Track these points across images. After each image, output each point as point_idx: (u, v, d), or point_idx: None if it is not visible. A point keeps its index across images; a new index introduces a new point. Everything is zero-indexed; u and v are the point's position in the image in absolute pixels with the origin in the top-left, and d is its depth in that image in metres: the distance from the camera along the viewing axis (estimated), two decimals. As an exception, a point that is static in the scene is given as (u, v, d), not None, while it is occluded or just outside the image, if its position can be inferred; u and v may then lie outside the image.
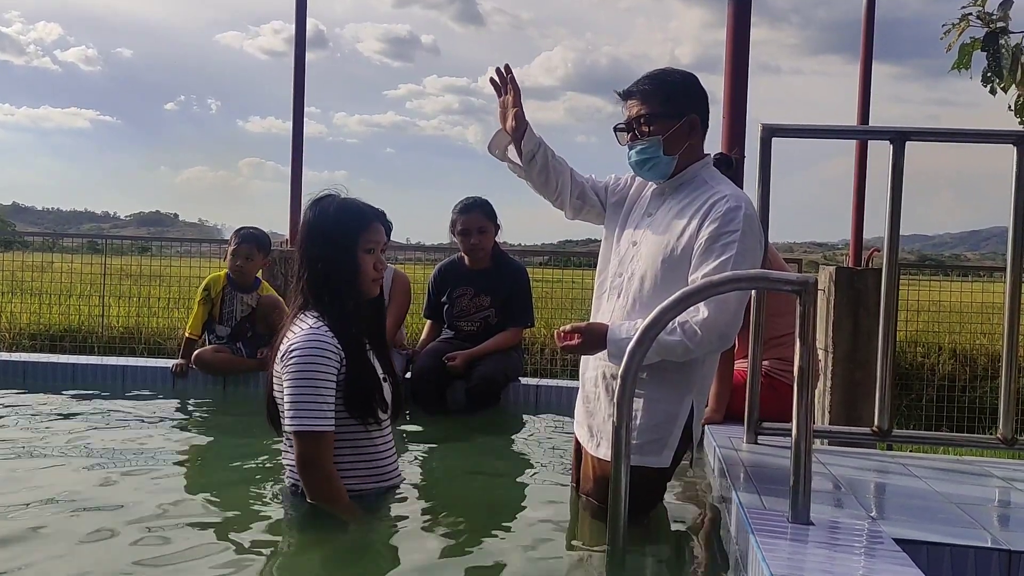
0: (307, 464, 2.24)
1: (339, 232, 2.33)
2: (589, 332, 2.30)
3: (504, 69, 2.58)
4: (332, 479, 2.26)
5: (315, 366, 2.22)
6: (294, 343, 2.25)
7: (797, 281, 1.96)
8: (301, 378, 2.21)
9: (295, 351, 2.23)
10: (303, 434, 2.21)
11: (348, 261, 2.33)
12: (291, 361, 2.23)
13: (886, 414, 2.81)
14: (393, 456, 2.48)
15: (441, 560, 2.13)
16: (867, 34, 5.83)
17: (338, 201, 2.38)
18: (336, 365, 2.26)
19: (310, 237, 2.35)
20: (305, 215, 2.39)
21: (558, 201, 2.66)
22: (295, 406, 2.21)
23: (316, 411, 2.21)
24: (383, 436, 2.43)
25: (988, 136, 2.86)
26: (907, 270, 8.56)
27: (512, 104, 2.54)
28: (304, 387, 2.21)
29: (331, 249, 2.32)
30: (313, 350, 2.22)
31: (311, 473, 2.24)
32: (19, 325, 7.29)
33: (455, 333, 4.33)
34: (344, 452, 2.32)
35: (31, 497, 2.48)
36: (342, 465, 2.31)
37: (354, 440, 2.34)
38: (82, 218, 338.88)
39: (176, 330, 6.89)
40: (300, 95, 6.05)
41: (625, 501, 2.02)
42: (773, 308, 3.03)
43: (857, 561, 1.72)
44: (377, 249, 2.38)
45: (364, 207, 2.40)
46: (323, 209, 2.36)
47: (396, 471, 2.48)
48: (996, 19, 5.44)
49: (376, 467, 2.39)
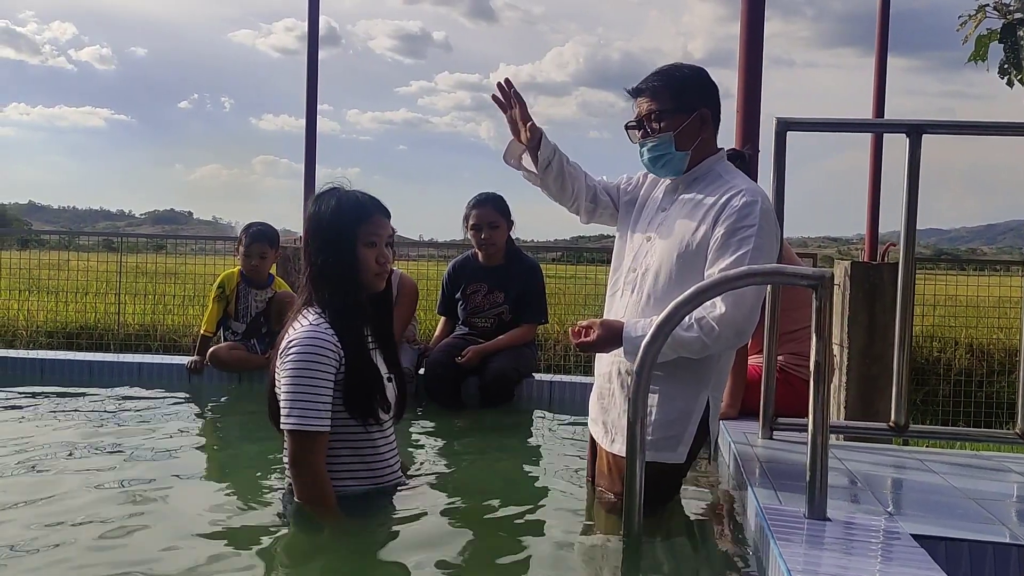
0: (297, 463, 2.20)
1: (338, 226, 2.29)
2: (604, 329, 2.29)
3: (505, 83, 2.56)
4: (321, 481, 2.21)
5: (312, 364, 2.19)
6: (292, 340, 2.23)
7: (813, 276, 1.95)
8: (298, 376, 2.18)
9: (293, 348, 2.21)
10: (296, 433, 2.18)
11: (347, 255, 2.28)
12: (288, 358, 2.21)
13: (903, 409, 2.80)
14: (394, 457, 2.44)
15: (456, 554, 2.12)
16: (882, 26, 5.78)
17: (339, 195, 2.33)
18: (335, 363, 2.22)
19: (311, 232, 2.33)
20: (308, 210, 2.36)
21: (574, 206, 2.66)
22: (290, 404, 2.18)
23: (311, 410, 2.17)
24: (384, 436, 2.39)
25: (1006, 129, 2.83)
26: (923, 264, 8.50)
27: (521, 117, 2.53)
28: (300, 385, 2.18)
29: (330, 243, 2.28)
30: (311, 348, 2.20)
31: (301, 473, 2.21)
32: (36, 323, 7.35)
33: (469, 329, 4.34)
34: (341, 452, 2.29)
35: (43, 491, 2.49)
36: (339, 465, 2.27)
37: (353, 439, 2.30)
38: (97, 216, 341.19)
39: (191, 327, 6.93)
40: (313, 92, 6.06)
41: (640, 496, 2.02)
42: (787, 303, 3.01)
43: (875, 557, 1.71)
44: (380, 242, 2.32)
45: (364, 199, 2.33)
46: (324, 204, 2.33)
47: (396, 472, 2.44)
48: (1013, 10, 5.39)
49: (374, 468, 2.35)
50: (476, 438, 3.64)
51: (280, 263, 5.09)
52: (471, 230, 4.29)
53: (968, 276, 7.72)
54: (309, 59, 6.06)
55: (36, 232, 17.83)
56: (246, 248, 4.42)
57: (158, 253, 9.56)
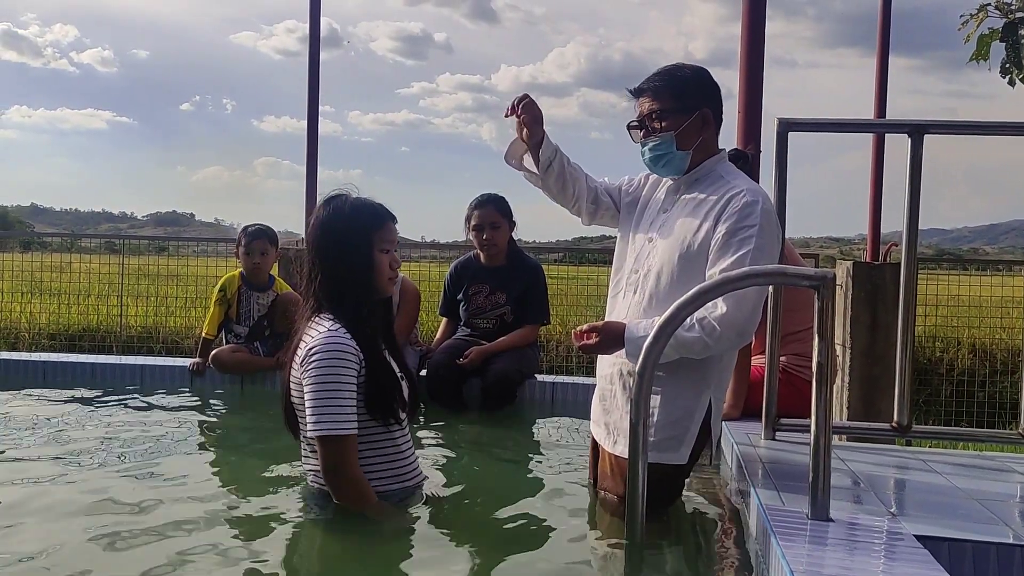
0: (333, 469, 2.22)
1: (355, 231, 2.32)
2: (606, 331, 2.30)
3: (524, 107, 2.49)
4: (359, 482, 2.24)
5: (336, 369, 2.20)
6: (313, 347, 2.23)
7: (815, 276, 1.95)
8: (323, 382, 2.19)
9: (315, 355, 2.21)
10: (327, 439, 2.20)
11: (364, 260, 2.32)
12: (311, 365, 2.21)
13: (905, 410, 2.79)
14: (414, 456, 2.47)
15: (457, 556, 2.13)
16: (883, 26, 5.78)
17: (351, 200, 2.37)
18: (356, 367, 2.24)
19: (325, 236, 2.34)
20: (317, 215, 2.37)
21: (575, 208, 2.66)
22: (318, 411, 2.19)
23: (339, 415, 2.19)
24: (404, 436, 2.42)
25: (1008, 128, 2.83)
26: (925, 264, 8.49)
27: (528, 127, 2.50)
28: (326, 391, 2.19)
29: (347, 248, 2.31)
30: (334, 353, 2.21)
31: (338, 477, 2.23)
32: (39, 325, 7.36)
33: (471, 330, 4.34)
34: (367, 454, 2.30)
35: (48, 494, 2.50)
36: (366, 467, 2.29)
37: (377, 441, 2.33)
38: (100, 218, 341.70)
39: (193, 329, 6.93)
40: (315, 94, 6.07)
41: (643, 498, 2.02)
42: (790, 303, 3.01)
43: (878, 558, 1.71)
44: (393, 248, 2.39)
45: (378, 207, 2.39)
46: (337, 208, 2.35)
47: (418, 470, 2.48)
48: (1015, 9, 5.38)
49: (399, 467, 2.38)
50: (478, 439, 3.64)
51: (281, 264, 5.09)
52: (473, 231, 4.29)
53: (970, 276, 7.71)
54: (311, 60, 6.07)
55: (38, 234, 17.84)
56: (247, 247, 4.42)
57: (160, 255, 9.57)
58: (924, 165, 2.74)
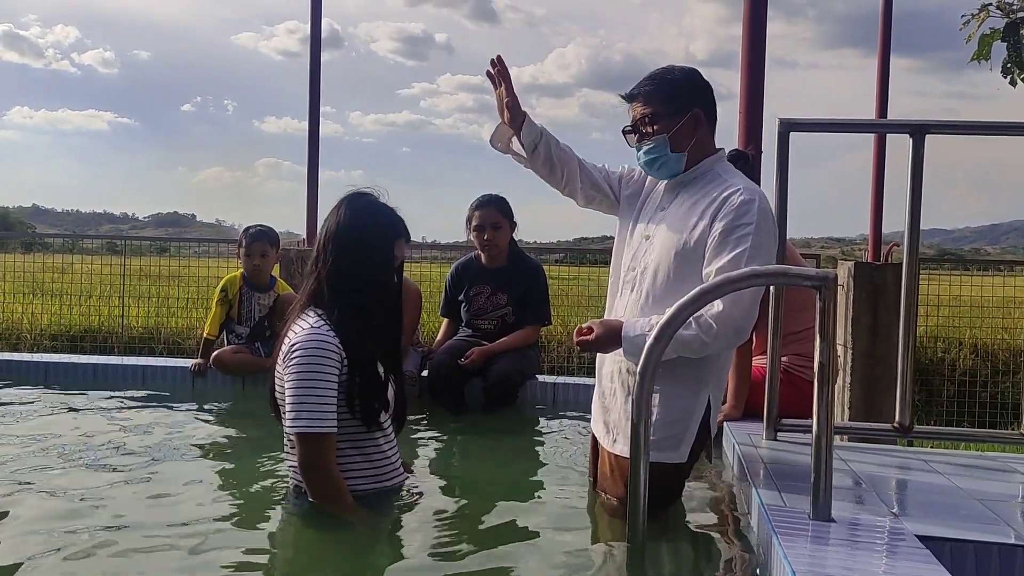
0: (310, 466, 2.22)
1: (381, 231, 2.36)
2: (604, 329, 2.30)
3: (497, 60, 2.57)
4: (335, 480, 2.23)
5: (317, 366, 2.20)
6: (296, 343, 2.23)
7: (817, 277, 1.95)
8: (303, 378, 2.19)
9: (297, 351, 2.22)
10: (305, 435, 2.19)
11: (385, 259, 2.36)
12: (293, 361, 2.21)
13: (907, 410, 2.79)
14: (396, 456, 2.46)
15: (457, 557, 2.12)
16: (884, 27, 5.78)
17: (379, 207, 2.40)
18: (338, 365, 2.24)
19: (348, 228, 2.32)
20: (342, 208, 2.35)
21: (566, 190, 2.66)
22: (296, 407, 2.19)
23: (318, 412, 2.18)
24: (386, 436, 2.41)
25: (1009, 128, 2.83)
26: (926, 264, 8.48)
27: (505, 94, 2.54)
28: (305, 388, 2.19)
29: (368, 244, 2.32)
30: (315, 350, 2.21)
31: (314, 475, 2.22)
32: (40, 326, 7.36)
33: (472, 331, 4.34)
34: (348, 452, 2.30)
35: (48, 494, 2.50)
36: (345, 466, 2.29)
37: (357, 440, 2.32)
38: (101, 219, 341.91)
39: (195, 330, 6.94)
40: (316, 95, 6.07)
41: (644, 497, 2.01)
42: (791, 304, 3.01)
43: (880, 558, 1.71)
44: (400, 264, 2.44)
45: (402, 220, 2.42)
46: (370, 204, 2.37)
47: (399, 471, 2.46)
48: (1016, 9, 5.38)
49: (379, 467, 2.37)
50: (479, 440, 3.64)
51: (283, 265, 5.09)
52: (474, 231, 4.28)
53: (972, 276, 7.70)
54: (312, 61, 6.07)
55: (40, 235, 17.85)
56: (247, 248, 4.42)
57: (162, 256, 9.57)
58: (926, 165, 2.74)
